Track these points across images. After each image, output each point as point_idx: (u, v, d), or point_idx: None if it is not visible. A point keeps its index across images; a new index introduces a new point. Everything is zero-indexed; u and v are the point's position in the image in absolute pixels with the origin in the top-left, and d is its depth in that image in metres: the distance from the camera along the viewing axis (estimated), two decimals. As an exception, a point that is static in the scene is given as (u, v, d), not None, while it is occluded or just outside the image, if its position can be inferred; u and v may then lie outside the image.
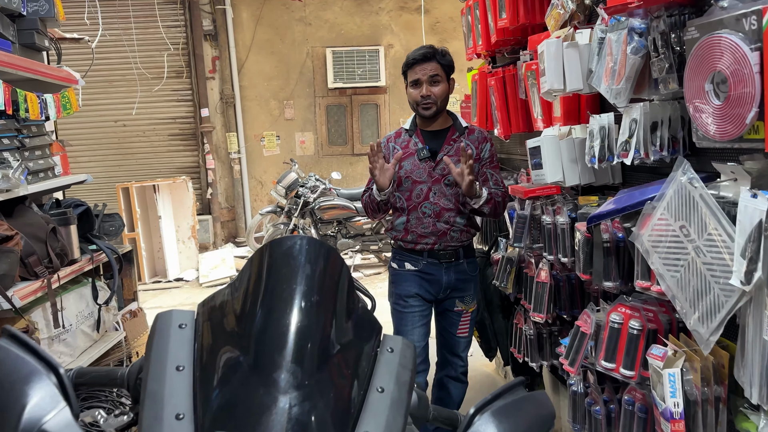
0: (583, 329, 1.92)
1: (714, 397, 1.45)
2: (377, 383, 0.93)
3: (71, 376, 1.04)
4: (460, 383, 2.70)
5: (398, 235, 2.59)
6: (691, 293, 1.39)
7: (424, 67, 2.50)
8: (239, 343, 0.90)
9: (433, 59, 2.51)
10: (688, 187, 1.38)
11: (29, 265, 2.31)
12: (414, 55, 2.53)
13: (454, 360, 2.68)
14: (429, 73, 2.49)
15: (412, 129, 2.62)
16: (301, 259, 1.01)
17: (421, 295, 2.58)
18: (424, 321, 2.59)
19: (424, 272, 2.57)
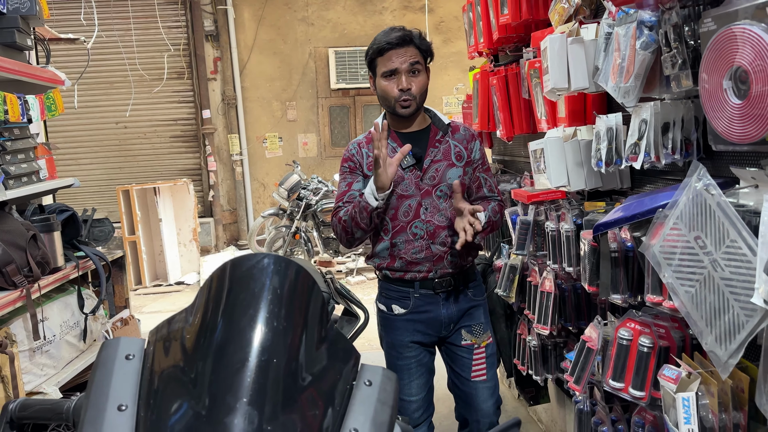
0: (589, 345, 1.80)
1: (733, 425, 1.32)
2: (351, 424, 0.82)
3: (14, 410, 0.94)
4: None
5: (382, 263, 2.11)
6: (707, 311, 1.26)
7: (402, 54, 1.99)
8: (190, 380, 0.78)
9: (411, 43, 2.01)
10: (704, 194, 1.26)
11: (7, 275, 2.21)
12: (387, 39, 1.99)
13: (473, 415, 2.15)
14: (409, 60, 1.99)
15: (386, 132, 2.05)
16: (264, 281, 0.89)
17: (417, 341, 2.12)
18: (423, 370, 2.14)
19: (418, 311, 2.10)
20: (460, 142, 2.14)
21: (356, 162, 2.13)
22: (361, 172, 2.12)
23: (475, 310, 2.17)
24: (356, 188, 2.10)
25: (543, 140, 2.06)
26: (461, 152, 2.12)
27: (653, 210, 1.45)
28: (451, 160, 2.10)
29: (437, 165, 2.08)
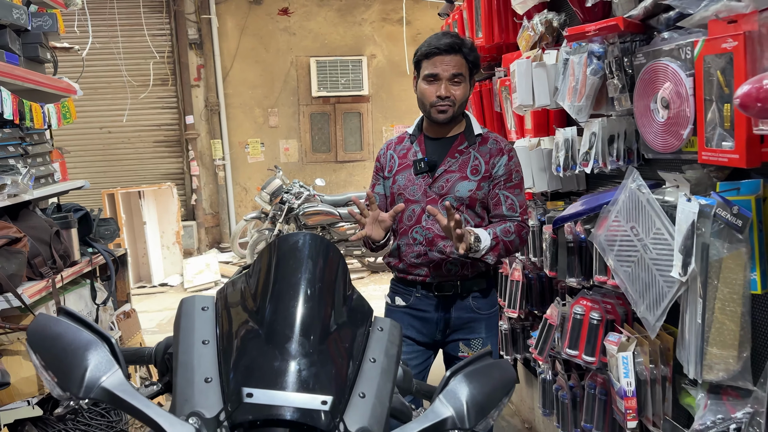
0: (550, 321, 2.13)
1: (661, 377, 1.66)
2: (370, 355, 1.12)
3: None
4: None
5: (392, 261, 2.16)
6: (640, 285, 1.59)
7: (448, 61, 1.99)
8: (255, 320, 1.08)
9: (460, 52, 2.00)
10: (637, 193, 1.59)
11: (35, 266, 2.45)
12: (436, 44, 2.00)
13: None
14: (452, 71, 1.99)
15: (416, 134, 2.16)
16: (305, 252, 1.19)
17: (412, 337, 2.14)
18: (418, 370, 2.12)
19: (416, 308, 2.13)
20: (483, 155, 2.07)
21: (382, 164, 2.20)
22: (382, 174, 2.19)
23: (477, 324, 2.12)
24: (377, 191, 2.20)
25: (512, 148, 2.38)
26: (479, 166, 2.06)
27: (600, 206, 1.78)
28: (466, 173, 2.06)
29: (449, 176, 2.06)
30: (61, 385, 0.93)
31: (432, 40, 2.03)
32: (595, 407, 1.96)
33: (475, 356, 1.10)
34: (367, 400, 1.04)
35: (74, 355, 0.93)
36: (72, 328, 0.98)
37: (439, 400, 1.01)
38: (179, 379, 1.01)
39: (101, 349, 0.95)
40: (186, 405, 0.97)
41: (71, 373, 0.92)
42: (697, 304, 1.40)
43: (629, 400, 1.68)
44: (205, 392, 0.98)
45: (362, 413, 1.01)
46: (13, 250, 2.28)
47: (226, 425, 0.95)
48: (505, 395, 1.07)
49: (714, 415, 1.38)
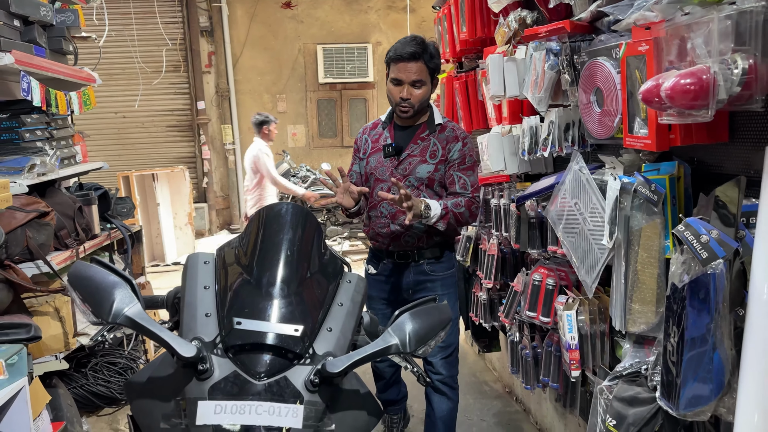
0: (515, 288, 2.39)
1: (599, 332, 1.92)
2: (338, 300, 1.40)
3: None
4: (441, 395, 2.51)
5: (365, 229, 2.59)
6: (581, 253, 1.85)
7: (409, 68, 2.31)
8: (246, 271, 1.36)
9: (420, 59, 2.31)
10: (579, 174, 1.84)
11: (60, 238, 2.75)
12: (401, 52, 2.32)
13: (428, 368, 2.51)
14: (413, 77, 2.32)
15: (387, 122, 2.53)
16: (287, 218, 1.47)
17: (384, 298, 2.53)
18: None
19: (383, 275, 2.53)
20: (441, 141, 2.42)
21: (359, 146, 2.59)
22: (358, 155, 2.59)
23: (432, 284, 2.47)
24: (355, 169, 2.60)
25: (487, 135, 2.63)
26: (437, 151, 2.41)
27: (552, 186, 2.03)
28: (425, 157, 2.41)
29: (412, 159, 2.42)
30: (94, 313, 1.21)
31: (398, 47, 2.35)
32: (551, 363, 2.23)
33: (420, 301, 1.37)
34: (333, 333, 1.32)
35: (104, 291, 1.22)
36: (102, 271, 1.26)
37: (387, 332, 1.28)
38: (185, 316, 1.30)
39: (125, 287, 1.23)
40: (190, 333, 1.26)
41: (102, 304, 1.20)
42: (621, 267, 1.66)
43: (573, 353, 1.95)
44: (205, 323, 1.27)
45: (329, 342, 1.30)
46: (42, 223, 2.58)
47: (221, 347, 1.23)
48: (441, 329, 1.34)
49: (633, 359, 1.64)
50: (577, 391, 2.20)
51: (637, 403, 1.51)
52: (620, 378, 1.61)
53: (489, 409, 3.29)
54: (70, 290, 1.26)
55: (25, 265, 2.53)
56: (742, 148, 1.44)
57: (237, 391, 1.17)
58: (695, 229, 1.28)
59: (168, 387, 1.22)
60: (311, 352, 1.26)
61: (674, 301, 1.35)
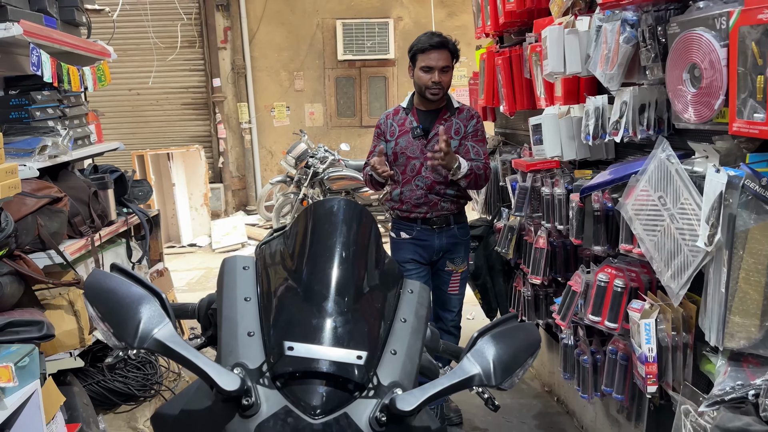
0: (574, 288, 2.16)
1: (683, 344, 1.69)
2: (401, 315, 1.18)
3: None
4: (451, 336, 2.94)
5: (395, 205, 2.86)
6: (665, 254, 1.62)
7: (439, 56, 2.71)
8: (294, 280, 1.14)
9: (446, 48, 2.73)
10: (666, 163, 1.60)
11: (75, 225, 2.55)
12: (430, 42, 2.72)
13: (445, 314, 2.94)
14: (442, 64, 2.71)
15: (409, 108, 2.86)
16: (340, 217, 1.24)
17: (416, 259, 2.85)
18: (423, 280, 2.75)
19: (418, 239, 2.83)
20: (462, 120, 2.83)
21: (382, 130, 2.89)
22: (384, 138, 2.87)
23: (459, 245, 2.88)
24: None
25: (541, 116, 2.38)
26: (460, 128, 2.82)
27: (628, 176, 1.79)
28: (451, 135, 2.77)
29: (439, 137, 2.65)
30: (116, 335, 1.00)
31: (425, 39, 2.74)
32: (616, 372, 2.01)
33: (501, 319, 1.15)
34: (399, 356, 1.10)
35: (128, 308, 1.00)
36: (125, 283, 1.05)
37: (467, 358, 1.06)
38: (224, 333, 1.08)
39: (153, 303, 1.02)
40: (230, 356, 1.04)
41: (126, 324, 0.99)
42: (722, 273, 1.42)
43: (650, 366, 1.72)
44: (248, 345, 1.05)
45: (394, 368, 1.08)
46: (54, 209, 2.37)
47: (268, 376, 1.01)
48: (530, 356, 1.12)
49: (733, 381, 1.42)
50: (645, 404, 1.99)
51: (748, 437, 1.29)
52: (721, 404, 1.39)
53: (528, 410, 3.09)
54: (87, 306, 1.05)
55: (37, 256, 2.34)
56: None
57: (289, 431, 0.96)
58: None
59: (205, 423, 1.02)
60: (375, 382, 1.04)
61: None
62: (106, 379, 2.73)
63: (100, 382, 2.72)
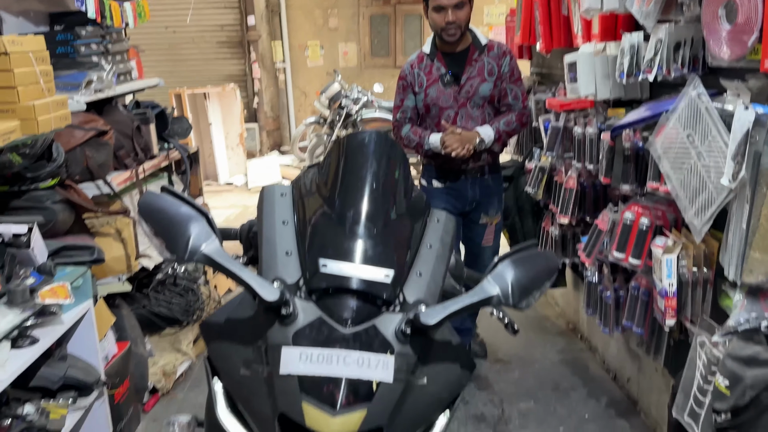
0: (600, 226, 2.20)
1: (703, 279, 1.74)
2: (427, 242, 1.25)
3: None
4: None
5: (428, 153, 2.68)
6: (690, 192, 1.64)
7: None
8: (328, 205, 1.22)
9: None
10: (697, 101, 1.60)
11: (119, 158, 2.67)
12: None
13: (476, 267, 2.67)
14: (454, 0, 2.45)
15: (433, 53, 2.62)
16: (371, 148, 1.31)
17: (447, 209, 2.64)
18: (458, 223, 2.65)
19: (451, 188, 2.71)
20: (494, 59, 2.60)
21: (408, 81, 2.66)
22: (412, 90, 2.66)
23: (492, 197, 2.76)
24: (408, 104, 2.69)
25: (577, 53, 2.37)
26: (493, 68, 2.59)
27: (659, 114, 1.80)
28: (484, 76, 2.59)
29: (472, 81, 2.58)
30: (168, 248, 1.10)
31: None
32: (637, 307, 2.07)
33: (522, 246, 1.21)
34: (423, 278, 1.18)
35: (179, 225, 1.10)
36: (175, 203, 1.14)
37: (487, 280, 1.13)
38: (264, 253, 1.18)
39: (201, 221, 1.11)
40: (270, 273, 1.14)
41: (177, 239, 1.09)
42: (744, 210, 1.45)
43: (670, 300, 1.78)
44: (286, 263, 1.15)
45: (419, 288, 1.16)
46: (101, 142, 2.49)
47: (304, 290, 1.11)
48: (547, 279, 1.19)
49: (748, 314, 1.47)
50: (663, 339, 2.05)
51: (757, 365, 1.35)
52: (734, 334, 1.44)
53: (552, 346, 3.19)
54: (141, 223, 1.15)
55: (85, 186, 2.47)
56: None
57: (323, 339, 1.05)
58: None
59: (248, 330, 1.12)
60: (401, 299, 1.13)
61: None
62: (152, 303, 2.91)
63: (146, 307, 2.89)
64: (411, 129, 2.67)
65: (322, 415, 1.00)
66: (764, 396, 1.31)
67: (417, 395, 1.08)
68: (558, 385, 2.82)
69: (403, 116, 2.70)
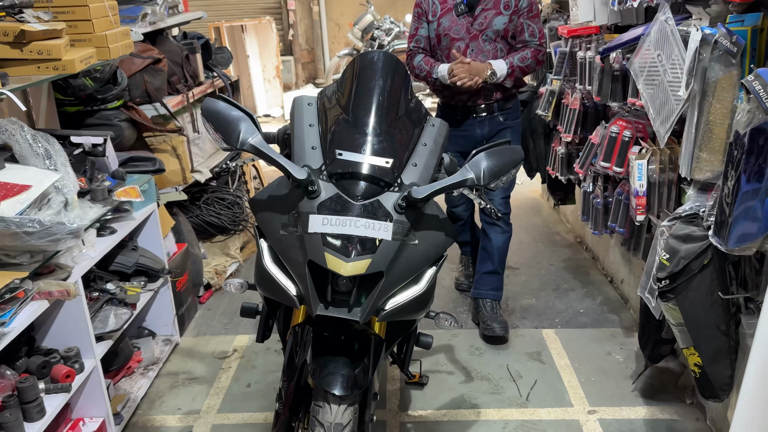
0: (593, 140, 2.49)
1: (668, 180, 2.04)
2: (423, 141, 1.59)
3: None
4: (500, 230, 2.76)
5: (437, 88, 2.66)
6: (658, 104, 1.92)
7: None
8: (344, 111, 1.56)
9: None
10: (665, 25, 1.85)
11: (172, 83, 3.03)
12: None
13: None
14: None
15: None
16: (379, 65, 1.63)
17: (458, 151, 2.59)
18: None
19: (459, 129, 2.65)
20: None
21: (423, 9, 2.64)
22: (426, 19, 2.64)
23: (505, 131, 2.69)
24: (421, 34, 2.65)
25: (578, -17, 2.58)
26: (510, 2, 2.55)
27: (638, 37, 2.05)
28: (500, 9, 2.54)
29: (486, 13, 2.55)
30: (225, 140, 1.46)
31: None
32: (620, 210, 2.37)
33: (496, 143, 1.54)
34: (418, 167, 1.53)
35: (232, 123, 1.46)
36: (228, 106, 1.50)
37: (465, 167, 1.47)
38: (295, 147, 1.54)
39: (248, 121, 1.47)
40: (300, 161, 1.50)
41: (230, 134, 1.45)
42: (694, 117, 1.73)
43: (640, 199, 2.08)
44: (311, 154, 1.50)
45: (414, 175, 1.51)
46: (156, 69, 2.85)
47: (325, 173, 1.47)
48: (513, 167, 1.52)
49: (693, 203, 1.77)
50: (642, 236, 2.36)
51: (690, 240, 1.67)
52: (679, 219, 1.75)
53: (559, 256, 3.53)
54: (204, 121, 1.52)
55: (144, 107, 2.85)
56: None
57: (340, 209, 1.42)
58: (764, 79, 1.34)
59: (285, 203, 1.49)
60: (399, 181, 1.48)
61: (735, 147, 1.44)
62: (203, 213, 3.34)
63: (199, 216, 3.32)
64: (423, 58, 2.65)
65: (339, 261, 1.37)
66: (693, 263, 1.64)
67: (410, 251, 1.45)
68: (559, 287, 3.17)
69: (417, 46, 2.68)
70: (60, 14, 2.09)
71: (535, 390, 2.38)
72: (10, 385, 1.78)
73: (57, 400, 1.87)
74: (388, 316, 1.47)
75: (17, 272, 1.71)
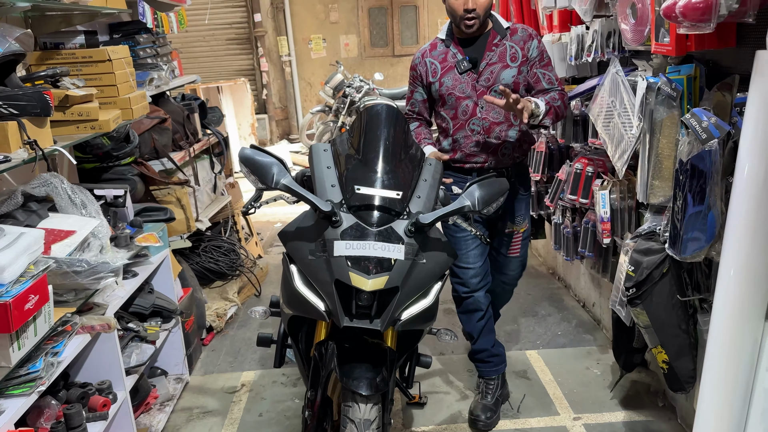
0: (560, 177, 2.83)
1: (628, 207, 2.36)
2: (423, 177, 1.89)
3: None
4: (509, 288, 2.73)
5: (446, 155, 2.38)
6: (614, 143, 2.26)
7: None
8: (357, 153, 1.85)
9: None
10: (616, 76, 2.22)
11: (175, 140, 3.29)
12: None
13: (502, 278, 2.64)
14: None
15: (449, 38, 2.37)
16: (383, 115, 1.94)
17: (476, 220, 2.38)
18: (478, 242, 2.40)
19: None
20: (517, 43, 2.32)
21: (418, 72, 2.42)
22: (421, 83, 2.42)
23: (519, 203, 2.50)
24: (416, 98, 2.46)
25: (539, 43, 2.97)
26: (516, 53, 2.31)
27: (594, 87, 2.41)
28: (506, 62, 2.31)
29: (492, 67, 2.31)
30: (261, 181, 1.73)
31: None
32: (588, 237, 2.69)
33: (485, 176, 1.85)
34: (422, 199, 1.82)
35: (266, 166, 1.73)
36: (260, 153, 1.77)
37: (461, 196, 1.77)
38: (317, 186, 1.82)
39: (279, 165, 1.74)
40: (322, 197, 1.77)
41: (266, 175, 1.72)
42: (646, 151, 2.07)
43: (605, 224, 2.40)
44: (332, 191, 1.78)
45: (419, 205, 1.80)
46: (163, 127, 3.12)
47: (345, 205, 1.74)
48: (500, 195, 1.82)
49: (651, 224, 2.09)
50: (609, 259, 2.68)
51: (651, 253, 1.98)
52: (640, 236, 2.07)
53: (534, 286, 3.82)
54: (242, 166, 1.78)
55: (152, 163, 3.10)
56: (747, 52, 1.80)
57: (359, 235, 1.69)
58: (698, 116, 1.68)
59: (311, 232, 1.75)
60: (408, 210, 1.76)
61: (681, 173, 1.77)
62: (203, 260, 3.55)
63: (198, 263, 3.53)
64: (416, 128, 2.47)
65: (362, 278, 1.63)
66: (654, 272, 1.94)
67: (419, 269, 1.72)
68: (537, 313, 3.45)
69: (412, 110, 2.51)
70: (89, 81, 2.36)
71: (525, 402, 2.62)
72: (56, 414, 1.95)
73: (96, 428, 2.03)
74: (404, 325, 1.72)
75: (66, 308, 1.91)
